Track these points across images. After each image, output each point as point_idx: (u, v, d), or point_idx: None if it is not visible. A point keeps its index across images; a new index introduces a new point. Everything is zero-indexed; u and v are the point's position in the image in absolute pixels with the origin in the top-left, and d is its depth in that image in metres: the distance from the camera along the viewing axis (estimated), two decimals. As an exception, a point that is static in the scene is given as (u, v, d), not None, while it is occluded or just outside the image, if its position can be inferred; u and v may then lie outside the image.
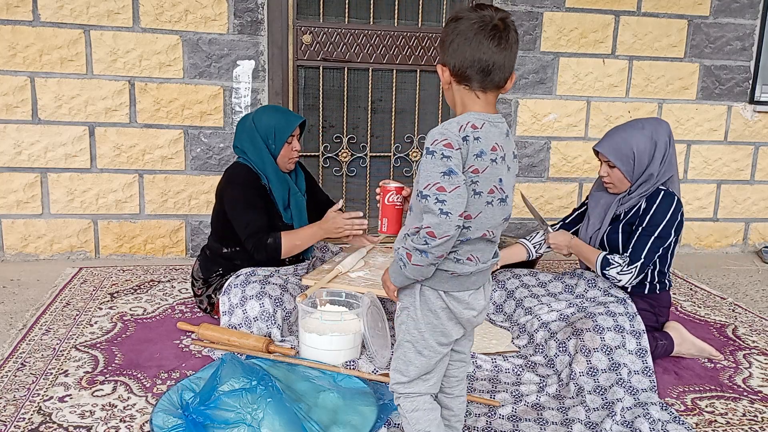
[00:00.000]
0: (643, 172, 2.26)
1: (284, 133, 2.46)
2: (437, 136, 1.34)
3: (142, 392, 1.96)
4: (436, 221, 1.31)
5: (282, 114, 2.51)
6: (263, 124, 2.45)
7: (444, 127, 1.35)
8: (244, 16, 3.25)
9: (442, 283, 1.42)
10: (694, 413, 1.98)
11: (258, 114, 2.50)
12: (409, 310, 1.46)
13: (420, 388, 1.49)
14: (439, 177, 1.32)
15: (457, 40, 1.36)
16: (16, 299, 2.75)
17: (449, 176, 1.31)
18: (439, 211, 1.31)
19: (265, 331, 2.25)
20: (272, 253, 2.33)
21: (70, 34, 3.11)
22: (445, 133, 1.33)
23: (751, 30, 3.76)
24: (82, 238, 3.31)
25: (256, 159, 2.45)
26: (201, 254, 2.59)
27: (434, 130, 1.36)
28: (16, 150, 3.17)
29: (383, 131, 3.71)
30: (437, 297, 1.43)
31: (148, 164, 3.30)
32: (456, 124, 1.35)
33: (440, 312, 1.44)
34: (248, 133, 2.46)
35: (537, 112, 3.64)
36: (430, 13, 3.64)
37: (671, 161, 2.28)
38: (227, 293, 2.33)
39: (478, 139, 1.34)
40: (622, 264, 2.24)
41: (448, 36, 1.38)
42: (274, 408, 1.62)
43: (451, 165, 1.31)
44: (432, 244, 1.33)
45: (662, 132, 2.27)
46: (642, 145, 2.24)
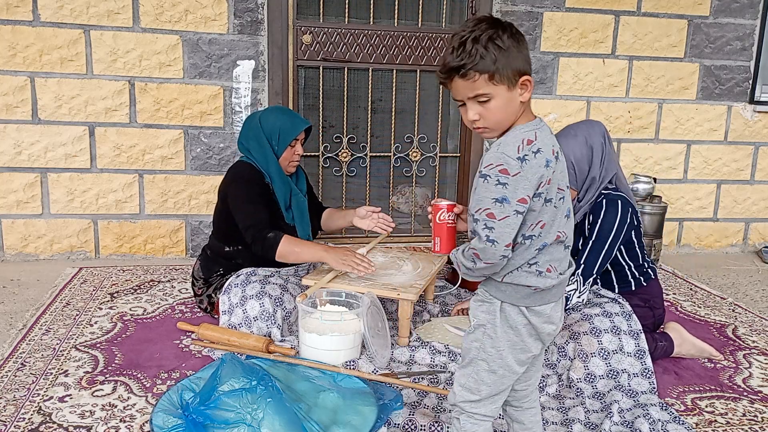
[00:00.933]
0: (585, 178, 2.24)
1: (289, 135, 2.47)
2: (492, 160, 1.30)
3: (142, 392, 1.96)
4: (481, 246, 1.30)
5: (289, 116, 2.52)
6: (269, 124, 2.46)
7: (500, 149, 1.30)
8: (244, 16, 3.25)
9: (523, 298, 1.38)
10: (694, 413, 1.98)
11: (265, 114, 2.51)
12: (486, 327, 1.40)
13: (487, 410, 1.44)
14: (490, 203, 1.29)
15: (522, 44, 1.33)
16: (16, 299, 2.75)
17: (501, 204, 1.28)
18: (485, 238, 1.29)
19: (265, 330, 2.25)
20: (268, 248, 2.30)
21: (70, 34, 3.11)
22: (501, 158, 1.29)
23: (751, 30, 3.76)
24: (82, 238, 3.31)
25: (260, 158, 2.46)
26: (202, 254, 2.59)
27: (490, 153, 1.31)
28: (16, 150, 3.17)
29: (383, 131, 3.71)
30: (518, 313, 1.38)
31: (148, 164, 3.30)
32: (512, 145, 1.30)
33: (522, 328, 1.39)
34: (254, 132, 2.47)
35: (537, 112, 3.61)
36: (430, 13, 3.64)
37: (611, 160, 2.26)
38: (227, 292, 2.33)
39: (539, 152, 1.30)
40: (577, 288, 2.21)
41: (521, 43, 1.33)
42: (274, 408, 1.62)
43: (505, 193, 1.28)
44: (478, 265, 1.33)
45: (595, 134, 2.24)
46: (578, 153, 2.22)
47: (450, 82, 1.34)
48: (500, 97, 1.31)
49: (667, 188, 3.85)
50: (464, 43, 1.30)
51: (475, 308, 1.43)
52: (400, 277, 2.42)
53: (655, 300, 2.35)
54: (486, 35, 1.28)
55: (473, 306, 1.44)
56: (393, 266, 2.54)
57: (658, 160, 3.81)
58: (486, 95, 1.31)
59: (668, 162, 3.84)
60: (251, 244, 2.34)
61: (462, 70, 1.30)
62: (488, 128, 1.35)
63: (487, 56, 1.28)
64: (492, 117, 1.33)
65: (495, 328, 1.39)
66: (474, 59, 1.28)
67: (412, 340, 2.30)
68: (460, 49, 1.30)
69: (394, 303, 2.41)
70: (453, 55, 1.31)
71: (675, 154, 3.84)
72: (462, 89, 1.33)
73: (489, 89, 1.30)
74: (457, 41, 1.31)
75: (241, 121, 3.33)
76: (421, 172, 3.74)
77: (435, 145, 3.70)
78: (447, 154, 3.77)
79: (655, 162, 3.81)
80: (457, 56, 1.30)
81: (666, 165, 3.84)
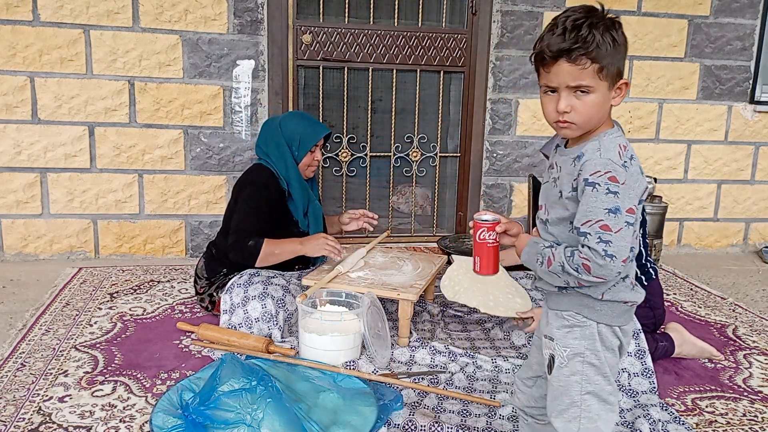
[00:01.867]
0: None
1: (310, 141, 2.49)
2: (599, 167, 1.20)
3: (141, 392, 1.96)
4: (599, 263, 1.18)
5: (309, 122, 2.54)
6: (290, 130, 2.48)
7: (604, 154, 1.21)
8: (244, 15, 3.24)
9: (618, 316, 1.28)
10: (694, 413, 1.97)
11: (286, 119, 2.53)
12: (585, 355, 1.27)
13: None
14: (603, 214, 1.18)
15: (626, 47, 1.25)
16: (16, 299, 2.74)
17: (614, 215, 1.17)
18: (603, 253, 1.17)
19: (266, 332, 2.25)
20: (248, 256, 2.33)
21: (70, 34, 3.11)
22: (608, 165, 1.20)
23: (752, 30, 3.75)
24: (82, 238, 3.31)
25: (280, 163, 2.47)
26: (206, 252, 2.59)
27: (593, 158, 1.21)
28: (16, 150, 3.17)
29: (383, 131, 3.71)
30: (612, 334, 1.28)
31: (147, 164, 3.30)
32: (613, 150, 1.22)
33: (617, 350, 1.29)
34: (273, 136, 2.48)
35: (537, 111, 3.63)
36: (430, 13, 3.64)
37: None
38: (229, 292, 2.33)
39: (632, 158, 1.23)
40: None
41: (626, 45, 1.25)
42: (274, 408, 1.62)
43: (617, 202, 1.18)
44: (582, 277, 1.21)
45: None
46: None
47: (552, 65, 1.23)
48: (600, 93, 1.23)
49: (667, 188, 3.85)
50: (579, 27, 1.19)
51: (564, 336, 1.29)
52: (400, 277, 2.41)
53: (655, 300, 2.34)
54: (603, 24, 1.20)
55: (559, 335, 1.29)
56: (393, 266, 2.54)
57: (659, 160, 3.81)
58: (588, 87, 1.22)
59: (668, 162, 3.84)
60: (230, 249, 2.34)
61: (574, 53, 1.19)
62: (575, 124, 1.25)
63: (602, 46, 1.19)
64: (585, 112, 1.24)
65: (597, 353, 1.27)
66: (589, 45, 1.19)
67: (412, 340, 2.29)
68: (573, 32, 1.19)
69: (394, 303, 2.41)
70: (564, 36, 1.21)
71: (675, 154, 3.84)
72: (564, 75, 1.22)
73: (594, 81, 1.21)
74: (570, 23, 1.21)
75: (241, 121, 3.33)
76: (421, 172, 3.74)
77: (435, 145, 3.70)
78: (447, 154, 3.77)
79: (656, 162, 3.81)
80: (570, 38, 1.19)
81: (666, 165, 3.84)
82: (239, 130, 3.34)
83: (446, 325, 2.55)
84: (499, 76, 3.55)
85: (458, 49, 3.53)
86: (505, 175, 3.69)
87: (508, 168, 3.68)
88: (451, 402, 1.92)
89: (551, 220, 1.33)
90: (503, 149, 3.65)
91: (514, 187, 3.71)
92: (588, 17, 1.20)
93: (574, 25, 1.20)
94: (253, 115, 3.34)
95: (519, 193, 3.71)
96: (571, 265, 1.22)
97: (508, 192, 3.71)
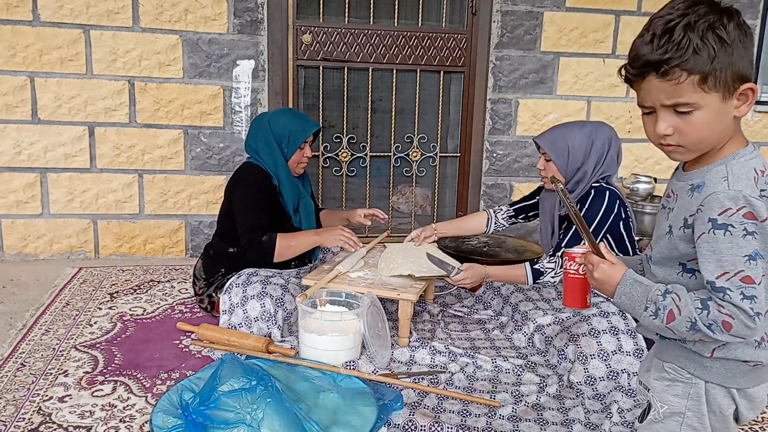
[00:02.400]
0: (577, 169, 2.25)
1: (299, 138, 2.47)
2: (728, 203, 0.97)
3: (141, 392, 1.96)
4: (746, 323, 0.97)
5: (299, 119, 2.52)
6: (279, 126, 2.46)
7: (733, 185, 0.98)
8: (244, 15, 3.24)
9: (736, 377, 1.07)
10: (694, 413, 1.97)
11: (275, 115, 2.51)
12: (686, 416, 1.09)
13: None
14: (743, 263, 0.96)
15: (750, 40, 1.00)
16: (16, 299, 2.74)
17: (756, 261, 0.97)
18: (750, 311, 0.97)
19: (266, 331, 2.25)
20: (264, 252, 2.33)
21: (70, 34, 3.11)
22: (741, 199, 0.97)
23: (751, 30, 3.75)
24: (82, 238, 3.31)
25: (269, 160, 2.46)
26: (204, 253, 2.58)
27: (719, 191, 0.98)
28: (16, 150, 3.17)
29: (383, 131, 3.71)
30: (726, 395, 1.08)
31: (147, 164, 3.30)
32: (746, 178, 0.98)
33: (728, 415, 1.09)
34: (263, 134, 2.46)
35: (537, 111, 3.63)
36: (430, 13, 3.64)
37: (609, 163, 2.27)
38: (228, 292, 2.34)
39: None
40: (555, 267, 2.23)
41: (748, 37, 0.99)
42: (274, 408, 1.62)
43: (756, 246, 0.96)
44: (717, 336, 1.00)
45: (602, 133, 2.26)
46: (578, 142, 2.24)
47: (640, 81, 1.02)
48: (709, 108, 0.98)
49: (667, 188, 3.85)
50: (671, 30, 0.96)
51: (663, 390, 1.12)
52: (399, 277, 2.41)
53: None
54: (705, 21, 0.95)
55: (658, 388, 1.12)
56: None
57: (659, 159, 3.80)
58: (690, 105, 0.97)
59: (668, 162, 3.82)
60: (246, 250, 2.35)
61: (664, 66, 0.96)
62: (683, 147, 1.03)
63: (703, 51, 0.94)
64: (693, 134, 1.00)
65: (701, 416, 1.08)
66: (683, 53, 0.94)
67: (412, 340, 2.29)
68: (664, 38, 0.96)
69: (394, 303, 2.41)
70: (652, 44, 0.98)
71: (675, 154, 3.84)
72: (656, 92, 0.99)
73: (695, 97, 0.97)
74: (661, 26, 0.98)
75: (241, 120, 3.33)
76: (421, 172, 3.74)
77: (435, 145, 3.70)
78: (447, 154, 3.77)
79: (656, 162, 3.81)
80: (659, 47, 0.96)
81: (666, 165, 3.84)
82: (239, 130, 3.34)
83: (446, 325, 2.55)
84: (499, 76, 3.55)
85: (458, 49, 3.53)
86: (505, 175, 3.69)
87: (508, 168, 3.68)
88: (451, 402, 1.93)
89: (655, 258, 1.13)
90: (503, 149, 3.65)
91: (514, 187, 3.71)
92: (685, 15, 0.96)
93: (665, 28, 0.96)
94: (253, 115, 3.34)
95: (519, 193, 3.71)
96: (705, 322, 0.99)
97: (508, 192, 3.71)
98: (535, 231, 3.76)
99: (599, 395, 2.00)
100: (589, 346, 2.08)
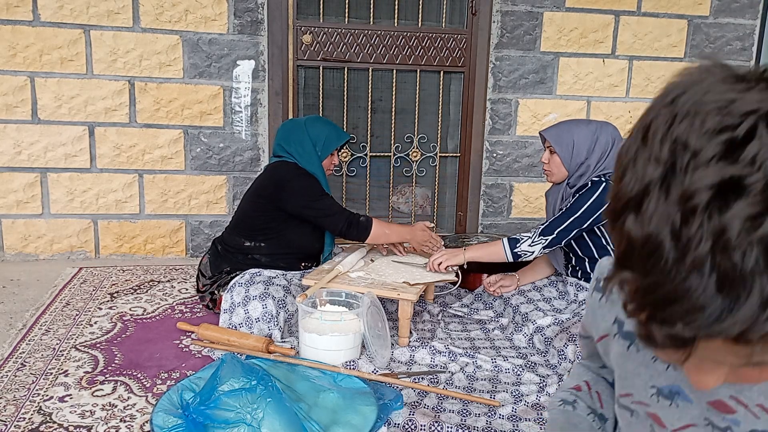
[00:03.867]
0: (580, 163, 2.30)
1: (334, 143, 2.56)
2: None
3: (142, 392, 1.96)
4: None
5: (333, 127, 2.62)
6: (316, 130, 2.54)
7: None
8: (244, 16, 3.25)
9: None
10: (694, 413, 1.97)
11: (311, 120, 2.59)
12: None
13: None
14: None
15: None
16: (16, 299, 2.75)
17: None
18: None
19: (266, 332, 2.25)
20: (363, 230, 2.45)
21: (70, 34, 3.11)
22: None
23: (751, 30, 3.75)
24: (82, 238, 3.31)
25: (305, 159, 2.52)
26: (212, 249, 2.59)
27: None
28: (16, 150, 3.17)
29: (383, 131, 3.71)
30: None
31: (148, 164, 3.30)
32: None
33: None
34: (297, 136, 2.53)
35: (537, 111, 3.64)
36: (430, 13, 3.64)
37: (611, 161, 2.30)
38: (230, 291, 2.34)
39: None
40: (531, 236, 2.31)
41: None
42: (274, 408, 1.62)
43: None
44: None
45: (606, 132, 2.31)
46: (583, 137, 2.29)
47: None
48: None
49: (667, 188, 3.85)
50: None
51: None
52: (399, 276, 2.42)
53: None
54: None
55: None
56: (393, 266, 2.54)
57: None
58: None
59: (668, 162, 3.84)
60: (345, 229, 2.44)
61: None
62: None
63: None
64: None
65: None
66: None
67: (412, 340, 2.30)
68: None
69: (394, 303, 2.41)
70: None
71: (675, 154, 3.84)
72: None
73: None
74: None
75: (241, 121, 3.33)
76: (421, 172, 3.74)
77: (435, 145, 3.70)
78: (447, 154, 3.77)
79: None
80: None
81: (666, 165, 3.84)
82: (239, 130, 3.35)
83: (446, 325, 2.55)
84: (499, 76, 3.55)
85: (458, 50, 3.53)
86: (505, 175, 3.69)
87: (508, 168, 3.68)
88: (451, 402, 1.93)
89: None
90: (503, 149, 3.65)
91: (513, 187, 3.71)
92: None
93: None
94: (253, 115, 3.35)
95: (519, 193, 3.71)
96: None
97: (507, 192, 3.71)
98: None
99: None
100: (588, 345, 2.09)
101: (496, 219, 3.73)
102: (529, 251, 2.30)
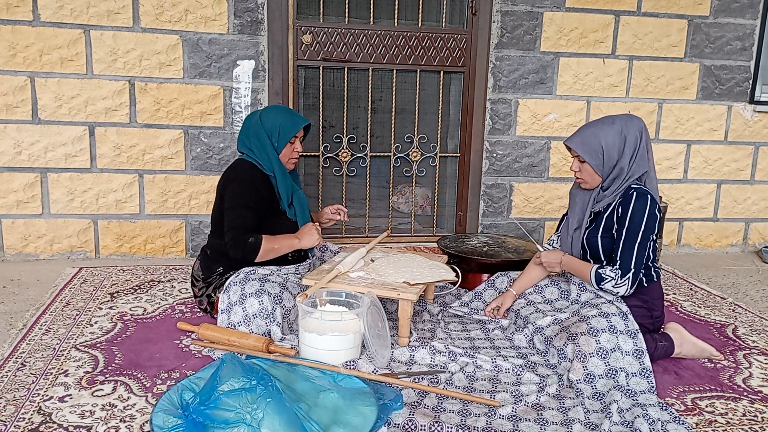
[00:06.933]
0: (613, 166, 2.25)
1: (289, 132, 2.50)
2: None
3: (142, 392, 1.96)
4: None
5: (288, 114, 2.56)
6: (270, 122, 2.50)
7: None
8: (244, 16, 3.25)
9: None
10: (694, 413, 1.98)
11: (265, 112, 2.55)
12: None
13: None
14: None
15: None
16: (16, 299, 2.75)
17: None
18: None
19: (264, 328, 2.26)
20: (249, 252, 2.36)
21: (70, 34, 3.11)
22: None
23: (751, 30, 3.75)
24: (82, 238, 3.31)
25: (261, 155, 2.49)
26: (201, 254, 2.59)
27: None
28: (16, 150, 3.17)
29: (383, 131, 3.71)
30: None
31: (148, 164, 3.30)
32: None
33: None
34: (254, 129, 2.51)
35: (537, 111, 3.64)
36: (430, 13, 3.64)
37: (643, 156, 2.27)
38: (227, 291, 2.34)
39: None
40: (614, 277, 2.23)
41: None
42: (274, 408, 1.62)
43: None
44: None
45: (633, 127, 2.25)
46: (611, 140, 2.23)
47: None
48: None
49: (667, 188, 3.85)
50: None
51: None
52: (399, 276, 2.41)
53: (654, 302, 2.34)
54: None
55: None
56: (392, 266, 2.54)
57: (658, 159, 3.81)
58: None
59: (668, 162, 3.84)
60: (230, 246, 2.36)
61: None
62: None
63: None
64: None
65: None
66: None
67: (412, 340, 2.30)
68: None
69: (394, 303, 2.41)
70: None
71: (675, 154, 3.84)
72: None
73: None
74: None
75: (241, 120, 3.34)
76: (421, 172, 3.74)
77: (435, 145, 3.70)
78: (447, 154, 3.77)
79: (656, 162, 3.80)
80: None
81: (666, 165, 3.84)
82: (239, 130, 3.34)
83: (446, 325, 2.55)
84: (498, 76, 3.56)
85: (458, 50, 3.53)
86: (505, 175, 3.69)
87: (507, 168, 3.68)
88: (451, 402, 1.93)
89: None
90: (503, 149, 3.65)
91: (513, 187, 3.71)
92: None
93: None
94: (253, 115, 3.35)
95: (519, 193, 3.72)
96: None
97: (507, 192, 3.71)
98: (535, 230, 3.77)
99: (598, 394, 2.00)
100: (588, 344, 2.08)
101: (496, 219, 3.73)
102: (613, 291, 2.26)
